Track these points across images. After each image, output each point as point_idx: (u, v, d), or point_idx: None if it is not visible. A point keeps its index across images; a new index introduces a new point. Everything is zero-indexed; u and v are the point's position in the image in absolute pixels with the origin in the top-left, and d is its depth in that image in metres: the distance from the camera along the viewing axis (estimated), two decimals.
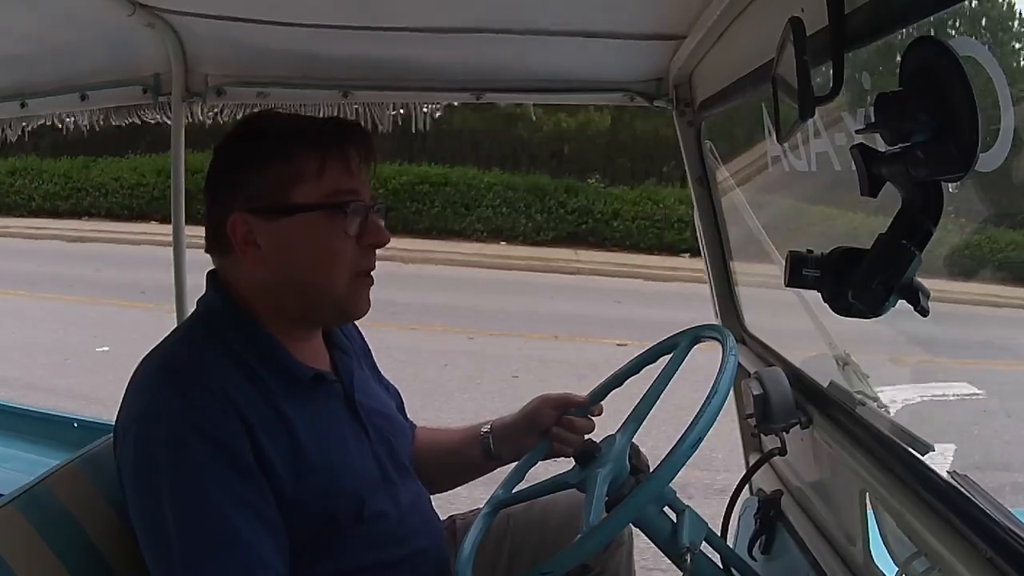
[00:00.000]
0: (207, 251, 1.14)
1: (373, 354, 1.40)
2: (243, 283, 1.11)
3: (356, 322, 1.31)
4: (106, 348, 5.78)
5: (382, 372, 1.41)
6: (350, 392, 1.19)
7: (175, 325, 1.22)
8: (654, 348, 1.34)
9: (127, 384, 1.05)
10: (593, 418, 1.38)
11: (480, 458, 1.40)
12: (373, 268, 1.14)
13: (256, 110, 1.87)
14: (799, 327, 1.44)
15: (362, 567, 1.11)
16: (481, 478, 1.45)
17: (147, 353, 1.09)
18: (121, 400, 1.05)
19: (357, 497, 1.10)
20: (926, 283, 0.80)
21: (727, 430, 1.56)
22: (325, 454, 1.08)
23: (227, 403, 1.00)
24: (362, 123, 1.99)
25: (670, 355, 1.27)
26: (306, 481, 1.04)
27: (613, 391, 1.38)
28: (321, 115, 1.91)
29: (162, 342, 1.11)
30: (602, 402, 1.40)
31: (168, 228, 2.05)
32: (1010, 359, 5.31)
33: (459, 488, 1.47)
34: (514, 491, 1.31)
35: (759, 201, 1.72)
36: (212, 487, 0.97)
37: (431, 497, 1.31)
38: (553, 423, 1.36)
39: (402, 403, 1.42)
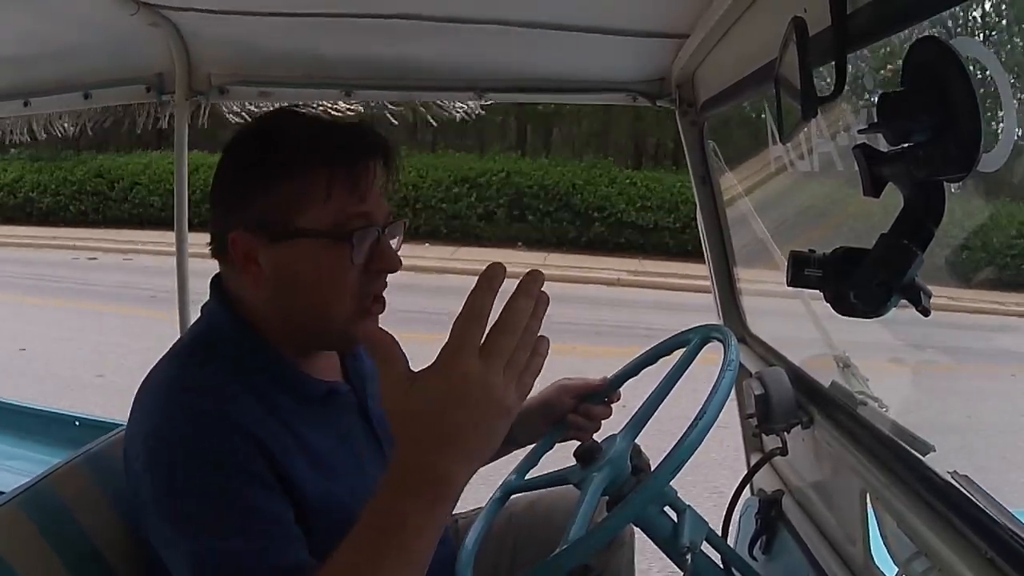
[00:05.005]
0: (212, 255, 1.09)
1: None
2: (247, 296, 1.06)
3: None
4: None
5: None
6: (363, 401, 1.15)
7: (179, 332, 1.18)
8: (668, 341, 1.33)
9: (135, 396, 1.02)
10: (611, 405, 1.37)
11: None
12: (382, 292, 1.07)
13: (272, 108, 1.84)
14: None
15: None
16: (480, 477, 1.44)
17: (153, 366, 1.04)
18: (130, 413, 1.01)
19: None
20: None
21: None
22: (336, 474, 1.04)
23: (238, 427, 0.95)
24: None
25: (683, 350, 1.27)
26: (319, 501, 0.99)
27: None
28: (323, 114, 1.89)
29: (167, 356, 1.06)
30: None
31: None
32: None
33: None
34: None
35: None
36: (233, 503, 0.91)
37: None
38: (571, 410, 1.35)
39: None
